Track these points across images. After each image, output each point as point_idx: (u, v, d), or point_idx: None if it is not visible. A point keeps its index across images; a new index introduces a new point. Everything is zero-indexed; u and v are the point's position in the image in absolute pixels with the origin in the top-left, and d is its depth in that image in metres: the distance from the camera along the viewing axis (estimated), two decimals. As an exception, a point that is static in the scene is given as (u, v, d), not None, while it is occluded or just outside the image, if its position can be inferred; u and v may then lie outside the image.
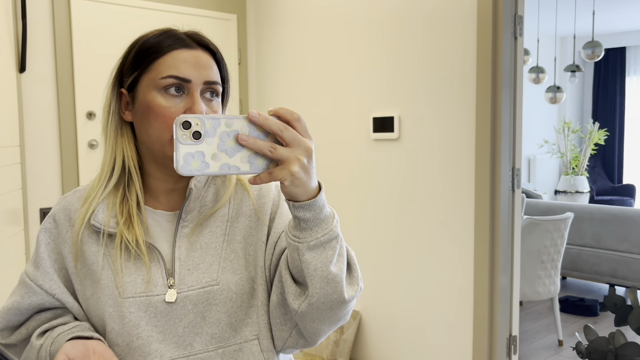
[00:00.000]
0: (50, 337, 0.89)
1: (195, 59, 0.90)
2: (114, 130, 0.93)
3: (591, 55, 4.52)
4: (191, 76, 0.88)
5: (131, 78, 0.91)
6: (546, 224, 3.32)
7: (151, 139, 0.90)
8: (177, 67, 0.88)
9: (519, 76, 2.41)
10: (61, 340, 0.87)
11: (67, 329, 0.90)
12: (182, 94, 0.89)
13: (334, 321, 0.87)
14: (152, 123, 0.89)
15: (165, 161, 0.91)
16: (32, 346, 0.91)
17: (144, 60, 0.90)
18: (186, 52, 0.90)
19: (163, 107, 0.87)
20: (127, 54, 0.93)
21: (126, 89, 0.92)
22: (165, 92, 0.88)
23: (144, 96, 0.89)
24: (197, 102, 0.88)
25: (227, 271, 0.92)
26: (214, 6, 3.25)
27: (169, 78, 0.88)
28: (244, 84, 3.43)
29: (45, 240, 0.95)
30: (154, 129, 0.89)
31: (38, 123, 2.62)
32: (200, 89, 0.90)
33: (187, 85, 0.89)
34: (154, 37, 0.91)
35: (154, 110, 0.88)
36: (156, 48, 0.90)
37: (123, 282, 0.89)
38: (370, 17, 2.81)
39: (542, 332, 3.68)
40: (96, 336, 0.89)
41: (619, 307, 0.80)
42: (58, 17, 2.66)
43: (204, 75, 0.90)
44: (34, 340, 0.91)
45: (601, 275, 4.18)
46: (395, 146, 2.75)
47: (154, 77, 0.89)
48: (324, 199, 0.80)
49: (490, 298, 2.43)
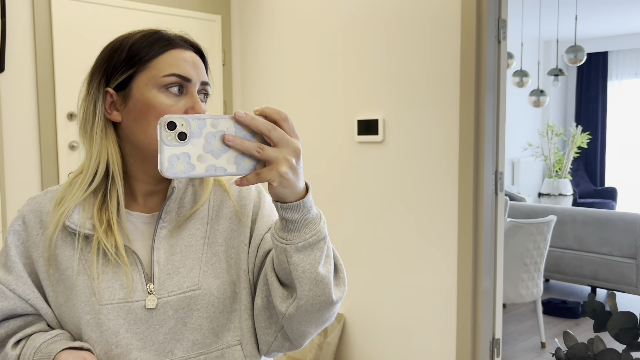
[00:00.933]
0: (32, 346, 0.85)
1: (192, 59, 0.90)
2: (99, 132, 0.89)
3: (573, 59, 4.57)
4: (191, 75, 0.88)
5: (123, 77, 0.88)
6: (529, 227, 3.34)
7: (149, 138, 0.87)
8: (178, 66, 0.87)
9: (502, 80, 2.43)
10: (46, 350, 0.84)
11: (48, 337, 0.86)
12: (182, 93, 0.88)
13: (320, 323, 0.86)
14: (151, 122, 0.86)
15: (155, 162, 0.87)
16: (8, 357, 0.87)
17: (141, 58, 0.87)
18: (185, 52, 0.90)
19: (166, 106, 0.86)
20: (113, 53, 0.89)
21: (114, 89, 0.89)
22: (167, 91, 0.87)
23: (141, 95, 0.87)
24: (198, 101, 0.88)
25: (209, 275, 0.90)
26: (198, 7, 3.23)
27: (172, 76, 0.86)
28: (229, 85, 3.41)
29: (15, 243, 0.91)
30: (154, 128, 0.86)
31: (17, 124, 2.57)
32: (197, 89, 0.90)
33: (187, 84, 0.88)
34: (148, 36, 0.89)
35: (156, 108, 0.85)
36: (155, 46, 0.88)
37: (100, 288, 0.86)
38: (354, 20, 2.81)
39: (525, 334, 3.71)
40: (86, 346, 0.86)
41: (597, 312, 0.80)
42: (38, 16, 2.61)
43: (201, 75, 0.90)
44: (10, 351, 0.87)
45: (583, 277, 4.22)
46: (379, 149, 2.75)
47: (154, 75, 0.87)
48: (311, 200, 0.79)
49: (473, 301, 2.43)
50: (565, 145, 7.11)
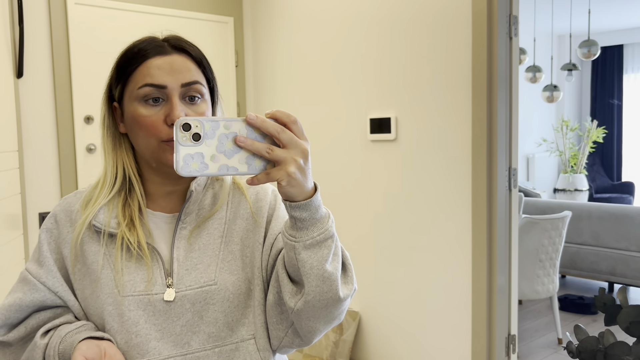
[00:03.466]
0: (58, 335, 0.90)
1: (169, 64, 0.91)
2: (111, 144, 0.97)
3: (587, 54, 4.53)
4: (165, 82, 0.90)
5: (118, 91, 0.94)
6: (544, 222, 3.32)
7: (141, 148, 0.93)
8: (151, 75, 0.90)
9: (515, 76, 2.42)
10: (70, 340, 0.89)
11: (73, 328, 0.91)
12: (162, 101, 0.90)
13: (329, 320, 0.89)
14: (139, 133, 0.91)
15: (160, 167, 0.93)
16: (37, 345, 0.91)
17: (124, 73, 0.93)
18: (160, 59, 0.91)
19: (145, 117, 0.90)
20: (112, 70, 0.96)
21: (117, 102, 0.95)
22: (145, 102, 0.90)
23: (127, 108, 0.93)
24: (175, 107, 0.89)
25: (225, 271, 0.94)
26: (211, 9, 3.26)
27: (144, 87, 0.90)
28: (242, 87, 3.44)
29: (47, 239, 0.97)
30: (141, 139, 0.92)
31: (36, 128, 2.63)
32: (179, 93, 0.91)
33: (163, 91, 0.90)
34: (131, 49, 0.93)
35: (138, 121, 0.90)
36: (132, 60, 0.92)
37: (123, 281, 0.91)
38: (366, 19, 2.82)
39: (541, 330, 3.69)
40: (106, 337, 0.90)
41: (608, 306, 0.81)
42: (55, 22, 2.67)
43: (180, 79, 0.91)
44: (39, 340, 0.92)
45: (600, 273, 4.19)
46: (392, 147, 2.76)
47: (132, 88, 0.91)
48: (320, 200, 0.82)
49: (488, 297, 2.44)
50: (580, 140, 7.05)
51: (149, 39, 0.94)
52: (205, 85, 0.95)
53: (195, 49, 0.96)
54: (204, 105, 0.94)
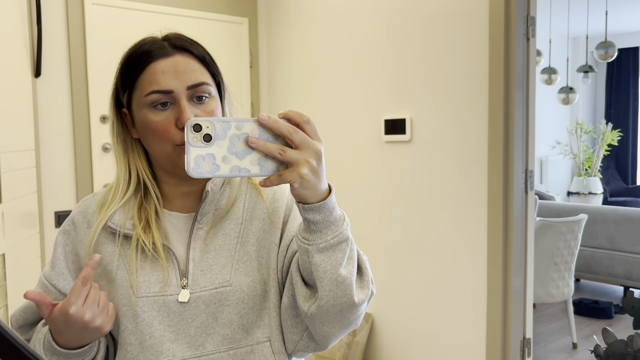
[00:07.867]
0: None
1: (173, 67, 0.90)
2: (121, 149, 0.96)
3: (604, 55, 4.49)
4: (171, 86, 0.89)
5: (125, 98, 0.94)
6: (559, 225, 3.29)
7: (157, 153, 0.92)
8: (157, 82, 0.89)
9: (532, 77, 2.40)
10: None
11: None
12: (170, 104, 0.90)
13: (344, 325, 0.88)
14: (152, 139, 0.91)
15: (175, 170, 0.93)
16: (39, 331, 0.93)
17: (129, 79, 0.92)
18: (163, 61, 0.90)
19: (155, 123, 0.89)
20: (116, 75, 0.95)
21: (126, 107, 0.95)
22: (154, 108, 0.89)
23: (137, 115, 0.92)
24: (184, 110, 0.88)
25: (240, 273, 0.92)
26: (225, 10, 3.27)
27: (152, 94, 0.89)
28: (256, 87, 3.45)
29: (63, 241, 0.98)
30: (155, 144, 0.91)
31: (53, 127, 2.65)
32: (186, 95, 0.90)
33: (171, 96, 0.89)
34: (133, 53, 0.92)
35: (150, 127, 0.90)
36: (136, 64, 0.91)
37: (137, 282, 0.91)
38: (381, 20, 2.81)
39: (555, 334, 3.66)
40: None
41: (637, 309, 0.80)
42: (72, 22, 2.68)
43: (185, 80, 0.89)
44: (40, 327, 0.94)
45: (615, 277, 4.14)
46: (407, 148, 2.75)
47: (139, 95, 0.91)
48: (334, 202, 0.80)
49: (503, 300, 2.42)
50: (594, 143, 6.98)
51: (150, 40, 0.93)
52: (211, 83, 0.93)
53: (197, 46, 0.94)
54: (212, 102, 0.92)
